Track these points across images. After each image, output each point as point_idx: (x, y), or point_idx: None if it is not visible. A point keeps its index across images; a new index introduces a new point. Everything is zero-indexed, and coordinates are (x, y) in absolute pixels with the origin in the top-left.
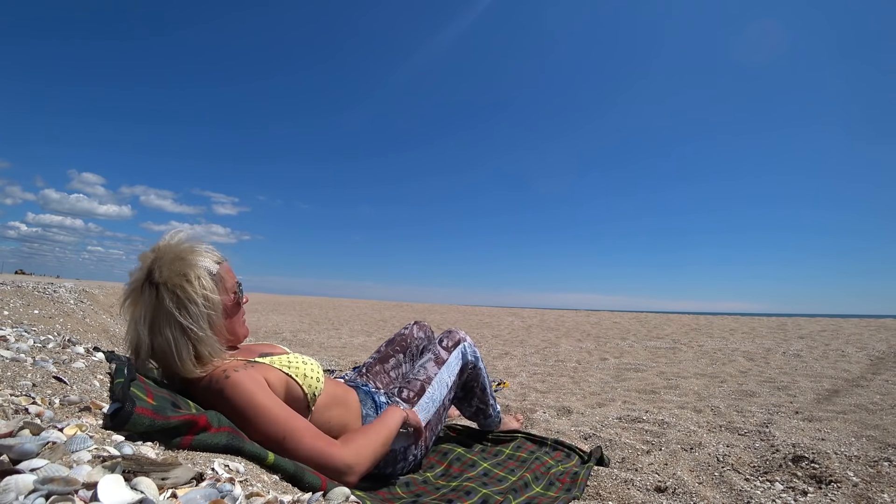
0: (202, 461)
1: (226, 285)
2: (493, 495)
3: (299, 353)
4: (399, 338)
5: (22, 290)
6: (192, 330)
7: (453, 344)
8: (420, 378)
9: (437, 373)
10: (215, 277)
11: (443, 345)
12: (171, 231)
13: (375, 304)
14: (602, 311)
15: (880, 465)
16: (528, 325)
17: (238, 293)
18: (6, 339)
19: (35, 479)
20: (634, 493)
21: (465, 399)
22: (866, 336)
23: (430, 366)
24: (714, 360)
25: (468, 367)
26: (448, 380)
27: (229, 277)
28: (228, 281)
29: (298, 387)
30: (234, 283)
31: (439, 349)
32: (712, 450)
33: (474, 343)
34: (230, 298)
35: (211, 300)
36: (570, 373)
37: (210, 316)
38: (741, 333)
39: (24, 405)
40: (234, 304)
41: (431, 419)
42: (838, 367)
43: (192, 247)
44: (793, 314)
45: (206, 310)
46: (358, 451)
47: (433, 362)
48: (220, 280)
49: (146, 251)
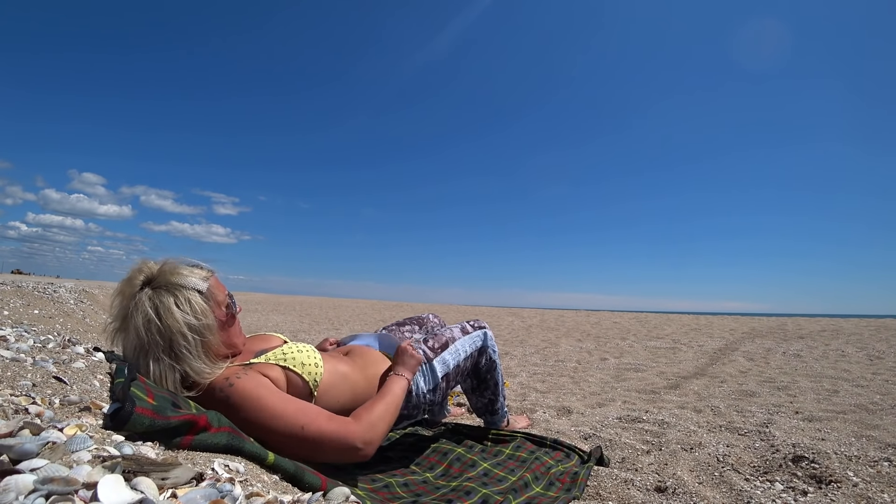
0: (202, 461)
1: (217, 300)
2: (493, 495)
3: (293, 342)
4: (417, 318)
5: (22, 290)
6: (183, 354)
7: (478, 326)
8: (446, 335)
9: (462, 339)
10: (205, 296)
11: (469, 323)
12: (142, 260)
13: (375, 304)
14: (602, 311)
15: (880, 465)
16: (528, 325)
17: (231, 305)
18: (6, 339)
19: (35, 479)
20: (634, 493)
21: (479, 389)
22: (866, 336)
23: (456, 331)
24: (714, 360)
25: (486, 353)
26: (468, 349)
27: (219, 291)
28: (219, 295)
29: (298, 377)
30: (224, 295)
31: (465, 324)
32: (712, 450)
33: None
34: (223, 312)
35: (205, 323)
36: (570, 373)
37: (203, 342)
38: (741, 333)
39: (24, 405)
40: (228, 317)
41: (448, 375)
42: (838, 367)
43: (176, 269)
44: (793, 314)
45: (199, 335)
46: (371, 425)
47: (459, 329)
48: (210, 297)
49: (131, 277)
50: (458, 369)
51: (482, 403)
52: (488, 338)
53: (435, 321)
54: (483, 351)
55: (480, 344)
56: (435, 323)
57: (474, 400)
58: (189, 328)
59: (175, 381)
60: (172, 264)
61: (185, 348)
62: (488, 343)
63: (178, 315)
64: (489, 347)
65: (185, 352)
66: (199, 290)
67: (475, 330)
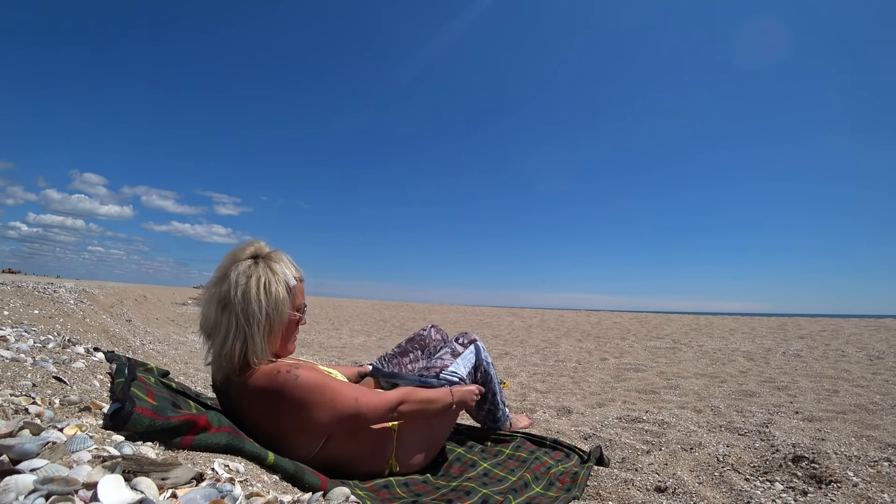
0: (202, 461)
1: (296, 301)
2: (493, 495)
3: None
4: (418, 337)
5: (22, 290)
6: (252, 326)
7: (469, 342)
8: (437, 366)
9: (453, 362)
10: (290, 290)
11: (459, 341)
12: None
13: (375, 304)
14: (602, 311)
15: (880, 465)
16: (528, 325)
17: (302, 313)
18: (6, 339)
19: (35, 479)
20: (634, 493)
21: (477, 403)
22: (866, 336)
23: (447, 357)
24: (714, 360)
25: (481, 367)
26: (462, 372)
27: (301, 295)
28: (299, 298)
29: None
30: (301, 302)
31: (455, 345)
32: (712, 450)
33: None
34: (295, 316)
35: (281, 312)
36: (570, 373)
37: (271, 328)
38: (741, 333)
39: (24, 405)
40: (294, 322)
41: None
42: (838, 367)
43: (281, 258)
44: (793, 314)
45: (272, 315)
46: (407, 396)
47: (450, 355)
48: (293, 295)
49: (244, 247)
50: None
51: (482, 415)
52: (480, 351)
53: (437, 337)
54: (478, 367)
55: (474, 361)
56: (436, 340)
57: (475, 413)
58: (266, 306)
59: (241, 348)
60: (280, 253)
61: (258, 324)
62: (481, 357)
63: (262, 291)
64: (483, 361)
65: (256, 327)
66: (288, 284)
67: (465, 348)
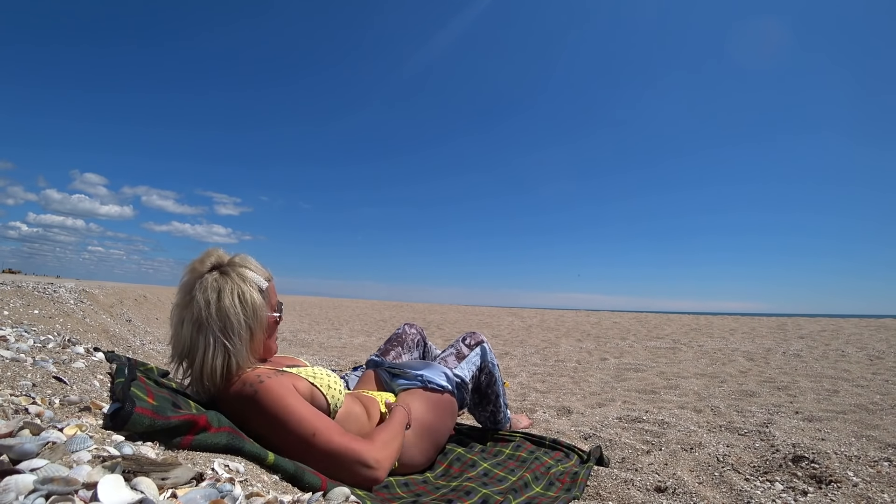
0: (202, 461)
1: (271, 302)
2: (493, 495)
3: (321, 367)
4: (395, 336)
5: (22, 290)
6: (233, 339)
7: (475, 343)
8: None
9: (458, 366)
10: (264, 294)
11: (465, 342)
12: (211, 248)
13: (375, 304)
14: (602, 311)
15: (880, 465)
16: (528, 325)
17: (279, 312)
18: (6, 339)
19: (35, 479)
20: (634, 493)
21: (481, 404)
22: (866, 336)
23: (451, 360)
24: (714, 360)
25: (487, 368)
26: (467, 375)
27: (274, 295)
28: (273, 298)
29: (322, 396)
30: (276, 301)
31: (461, 346)
32: (712, 450)
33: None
34: (272, 317)
35: (259, 317)
36: (570, 373)
37: (252, 330)
38: (741, 333)
39: (24, 405)
40: (273, 323)
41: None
42: (838, 367)
43: (246, 262)
44: (793, 314)
45: (252, 323)
46: (384, 443)
47: (454, 357)
48: (267, 297)
49: (203, 259)
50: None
51: (484, 417)
52: (486, 352)
53: (411, 332)
54: (483, 368)
55: (479, 363)
56: (412, 334)
57: (477, 414)
58: (244, 316)
59: (223, 363)
60: (243, 257)
61: (239, 336)
62: (487, 359)
63: (237, 302)
64: (489, 363)
65: (236, 338)
66: (260, 288)
67: (472, 350)
